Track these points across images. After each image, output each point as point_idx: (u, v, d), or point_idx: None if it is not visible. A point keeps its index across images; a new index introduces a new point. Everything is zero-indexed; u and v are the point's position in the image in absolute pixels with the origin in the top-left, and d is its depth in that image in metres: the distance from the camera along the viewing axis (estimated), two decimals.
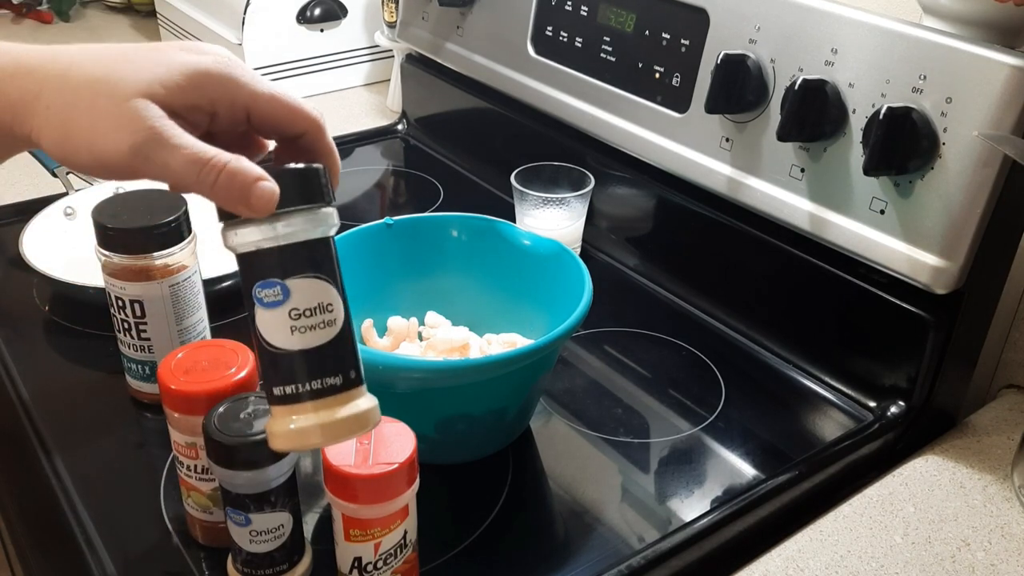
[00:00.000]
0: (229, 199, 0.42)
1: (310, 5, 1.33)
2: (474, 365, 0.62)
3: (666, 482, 0.67)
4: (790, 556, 0.62)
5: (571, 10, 0.93)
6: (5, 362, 0.77)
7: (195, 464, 0.57)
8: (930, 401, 0.72)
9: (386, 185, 1.15)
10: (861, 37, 0.68)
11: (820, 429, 0.73)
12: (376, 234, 0.74)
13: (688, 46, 0.82)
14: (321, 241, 0.44)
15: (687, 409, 0.74)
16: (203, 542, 0.60)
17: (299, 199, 0.43)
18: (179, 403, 0.56)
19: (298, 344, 0.44)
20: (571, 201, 0.89)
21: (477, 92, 1.11)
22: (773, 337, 0.81)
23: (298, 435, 0.44)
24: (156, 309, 0.70)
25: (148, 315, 0.70)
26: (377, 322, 0.74)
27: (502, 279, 0.75)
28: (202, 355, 0.58)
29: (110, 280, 0.69)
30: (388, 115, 1.32)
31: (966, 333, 0.72)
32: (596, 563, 0.59)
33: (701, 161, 0.81)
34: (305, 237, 0.44)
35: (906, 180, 0.67)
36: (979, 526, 0.65)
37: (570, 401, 0.75)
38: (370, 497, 0.50)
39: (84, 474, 0.66)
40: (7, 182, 1.09)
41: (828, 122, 0.70)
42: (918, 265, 0.67)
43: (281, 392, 0.44)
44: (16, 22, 1.69)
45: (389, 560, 0.53)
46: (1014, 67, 0.61)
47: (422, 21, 1.16)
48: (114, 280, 0.69)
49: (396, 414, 0.53)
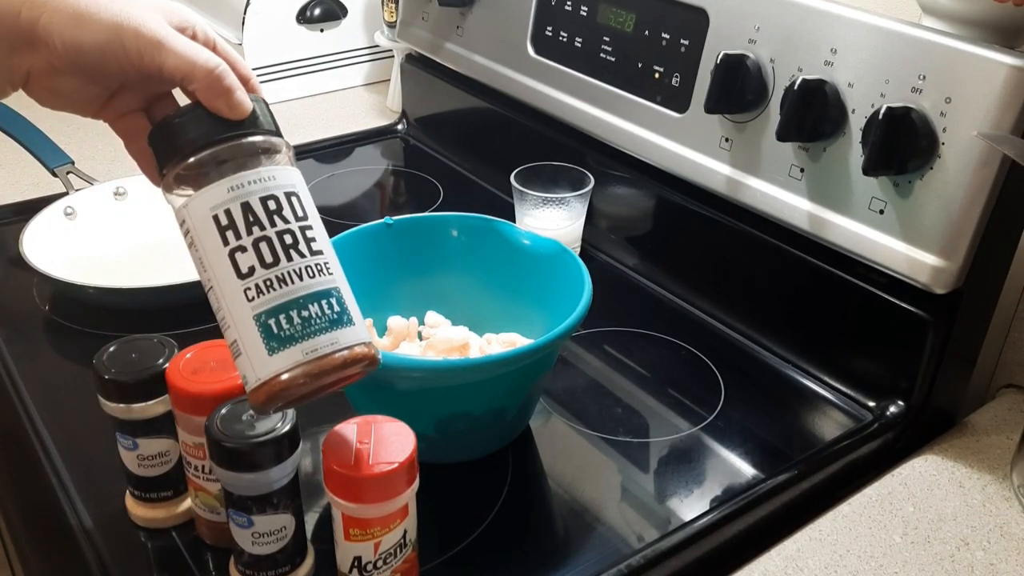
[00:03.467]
0: (214, 93, 0.47)
1: (310, 5, 1.33)
2: (474, 365, 0.62)
3: (665, 482, 0.67)
4: (789, 556, 0.62)
5: (571, 10, 0.93)
6: (5, 362, 0.77)
7: (202, 464, 0.57)
8: (929, 401, 0.72)
9: (386, 185, 1.15)
10: (860, 37, 0.68)
11: (819, 429, 0.73)
12: (376, 234, 0.74)
13: (688, 46, 0.82)
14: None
15: (686, 409, 0.74)
16: (210, 542, 0.60)
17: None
18: (187, 403, 0.56)
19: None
20: (571, 201, 0.89)
21: (477, 92, 1.11)
22: (772, 337, 0.81)
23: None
24: (309, 200, 0.50)
25: (308, 211, 0.49)
26: (377, 322, 0.74)
27: (502, 279, 0.75)
28: (211, 355, 0.58)
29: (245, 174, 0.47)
30: (388, 115, 1.32)
31: (965, 333, 0.72)
32: (596, 562, 0.60)
33: (701, 161, 0.81)
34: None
35: (905, 180, 0.67)
36: (978, 525, 0.65)
37: (570, 401, 0.75)
38: (370, 496, 0.50)
39: (84, 474, 0.66)
40: (7, 182, 1.09)
41: (827, 122, 0.71)
42: (917, 265, 0.67)
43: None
44: None
45: (389, 560, 0.53)
46: (1013, 67, 0.61)
47: (422, 21, 1.16)
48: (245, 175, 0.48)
49: (396, 413, 0.53)
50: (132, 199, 0.97)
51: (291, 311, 0.46)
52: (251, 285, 0.46)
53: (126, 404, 0.58)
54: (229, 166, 0.47)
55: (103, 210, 0.96)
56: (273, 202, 0.47)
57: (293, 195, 0.48)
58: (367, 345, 0.48)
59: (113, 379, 0.57)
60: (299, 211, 0.48)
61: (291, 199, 0.48)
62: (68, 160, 1.00)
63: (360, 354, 0.47)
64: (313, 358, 0.46)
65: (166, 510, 0.62)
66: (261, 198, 0.47)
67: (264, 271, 0.46)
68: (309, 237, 0.47)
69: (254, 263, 0.46)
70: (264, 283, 0.46)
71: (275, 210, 0.47)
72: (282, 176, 0.48)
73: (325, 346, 0.46)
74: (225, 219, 0.46)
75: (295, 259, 0.46)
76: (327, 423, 0.53)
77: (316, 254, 0.47)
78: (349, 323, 0.48)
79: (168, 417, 0.58)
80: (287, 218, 0.47)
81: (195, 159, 0.47)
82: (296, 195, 0.48)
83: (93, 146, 1.17)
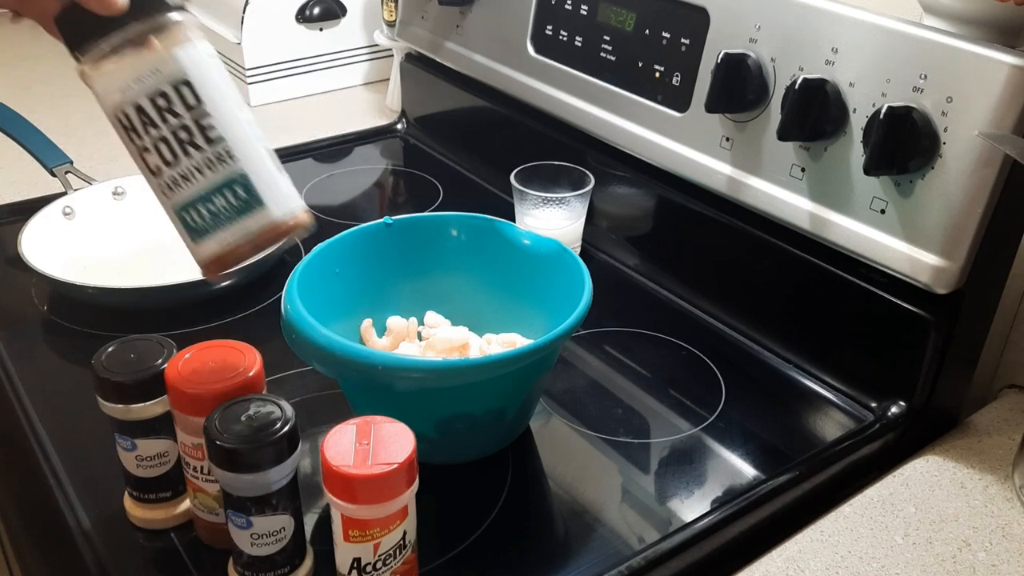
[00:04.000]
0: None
1: (309, 4, 1.33)
2: (474, 365, 0.62)
3: (666, 482, 0.67)
4: (791, 557, 0.62)
5: (571, 9, 0.93)
6: (3, 362, 0.77)
7: (201, 465, 0.57)
8: (931, 401, 0.72)
9: (385, 184, 1.15)
10: (861, 36, 0.68)
11: (820, 429, 0.73)
12: (375, 234, 0.74)
13: (688, 45, 0.82)
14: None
15: (687, 409, 0.74)
16: (208, 543, 0.60)
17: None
18: (185, 404, 0.56)
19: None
20: (571, 201, 0.89)
21: (477, 91, 1.10)
22: (773, 337, 0.81)
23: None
24: (210, 80, 0.49)
25: (204, 96, 0.49)
26: (377, 322, 0.74)
27: (502, 279, 0.75)
28: (210, 355, 0.57)
29: (126, 80, 0.49)
30: (387, 114, 1.32)
31: (967, 333, 0.72)
32: (596, 563, 0.59)
33: (701, 160, 0.81)
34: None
35: (906, 180, 0.67)
36: (980, 526, 0.65)
37: (570, 401, 0.75)
38: (369, 497, 0.50)
39: (82, 475, 0.66)
40: (6, 182, 1.09)
41: (828, 121, 0.70)
42: (918, 265, 0.67)
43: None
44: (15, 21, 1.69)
45: (388, 561, 0.53)
46: (1014, 66, 0.60)
47: (421, 20, 1.15)
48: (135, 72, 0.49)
49: (396, 414, 0.53)
50: (131, 199, 0.97)
51: (198, 206, 0.49)
52: (162, 182, 0.49)
53: (125, 405, 0.58)
54: (121, 60, 0.48)
55: (102, 210, 0.96)
56: (163, 99, 0.48)
57: (185, 84, 0.48)
58: (284, 219, 0.49)
59: (112, 379, 0.57)
60: (191, 100, 0.48)
61: (182, 90, 0.48)
62: (67, 160, 1.00)
63: (276, 234, 0.49)
64: (229, 248, 0.49)
65: (165, 511, 0.61)
66: (150, 96, 0.48)
67: (168, 169, 0.48)
68: (205, 126, 0.48)
69: (158, 162, 0.48)
70: (171, 180, 0.49)
71: (165, 107, 0.48)
72: (172, 65, 0.48)
73: (237, 235, 0.49)
74: (125, 121, 0.48)
75: (192, 154, 0.48)
76: (327, 423, 0.53)
77: (215, 142, 0.48)
78: (259, 205, 0.49)
79: (167, 418, 0.58)
80: (178, 112, 0.48)
81: (83, 56, 0.48)
82: (188, 83, 0.48)
83: (92, 146, 1.16)
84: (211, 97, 0.49)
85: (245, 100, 1.33)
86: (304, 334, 0.61)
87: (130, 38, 0.48)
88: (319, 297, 0.65)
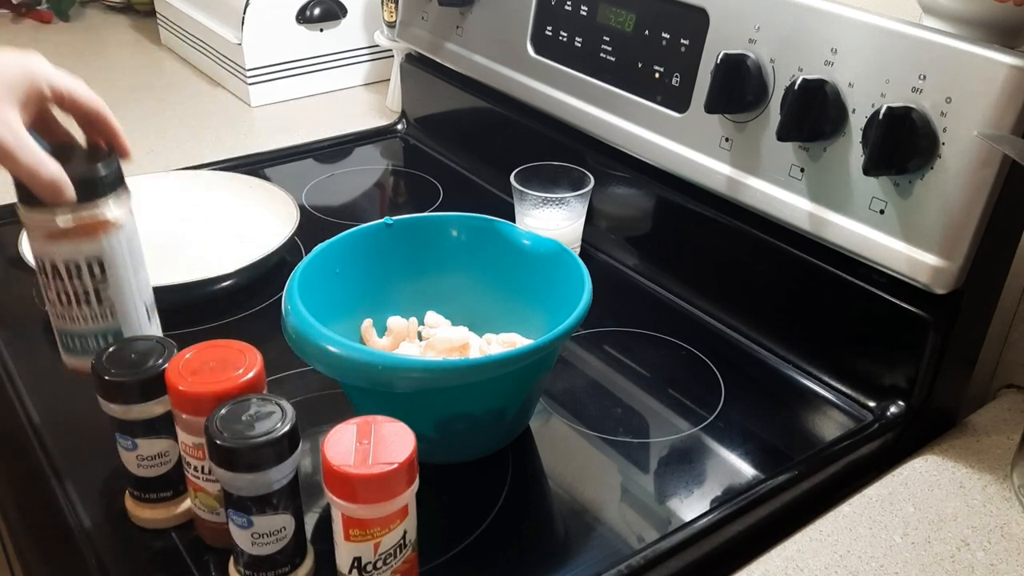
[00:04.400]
0: (45, 197, 0.58)
1: (310, 5, 1.33)
2: (474, 365, 0.62)
3: (666, 482, 0.67)
4: (790, 556, 0.62)
5: (571, 10, 0.93)
6: (4, 362, 0.77)
7: (202, 465, 0.57)
8: (929, 401, 0.72)
9: (386, 185, 1.15)
10: (861, 37, 0.68)
11: (820, 429, 0.73)
12: (376, 234, 0.74)
13: (688, 46, 0.82)
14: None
15: (687, 409, 0.74)
16: (209, 543, 0.60)
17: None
18: (186, 404, 0.56)
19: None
20: (571, 201, 0.89)
21: (477, 92, 1.11)
22: (773, 337, 0.81)
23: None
24: (118, 263, 0.63)
25: (110, 273, 0.63)
26: (377, 322, 0.74)
27: (502, 279, 0.75)
28: (210, 355, 0.57)
29: (54, 245, 0.62)
30: (388, 115, 1.32)
31: (965, 333, 0.72)
32: (596, 563, 0.59)
33: (701, 161, 0.81)
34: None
35: (906, 180, 0.67)
36: (979, 526, 0.65)
37: (570, 401, 0.75)
38: (370, 497, 0.50)
39: (83, 474, 0.66)
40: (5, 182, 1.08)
41: (828, 122, 0.70)
42: (918, 265, 0.67)
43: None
44: (15, 21, 1.69)
45: (389, 560, 0.53)
46: (1014, 67, 0.61)
47: (422, 21, 1.16)
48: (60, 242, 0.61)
49: (396, 414, 0.53)
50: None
51: (76, 338, 0.65)
52: (55, 311, 0.64)
53: (125, 404, 0.58)
54: (55, 227, 0.60)
55: None
56: (75, 268, 0.62)
57: (98, 262, 0.62)
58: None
59: (112, 379, 0.57)
60: (98, 274, 0.62)
61: (93, 265, 0.62)
62: None
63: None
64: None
65: (166, 510, 0.62)
66: (66, 262, 0.61)
67: (62, 308, 0.63)
68: (101, 292, 0.63)
69: (56, 301, 0.63)
70: (62, 314, 0.64)
71: (76, 273, 0.62)
72: (93, 247, 0.61)
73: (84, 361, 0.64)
74: (41, 264, 0.62)
75: (83, 307, 0.63)
76: (327, 423, 0.53)
77: (104, 303, 0.63)
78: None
79: (167, 417, 0.58)
80: (83, 280, 0.62)
81: (27, 209, 0.60)
82: (101, 263, 0.62)
83: None
84: (115, 272, 0.63)
85: (246, 101, 1.33)
86: (305, 334, 0.61)
87: (69, 216, 0.60)
88: (320, 297, 0.65)
